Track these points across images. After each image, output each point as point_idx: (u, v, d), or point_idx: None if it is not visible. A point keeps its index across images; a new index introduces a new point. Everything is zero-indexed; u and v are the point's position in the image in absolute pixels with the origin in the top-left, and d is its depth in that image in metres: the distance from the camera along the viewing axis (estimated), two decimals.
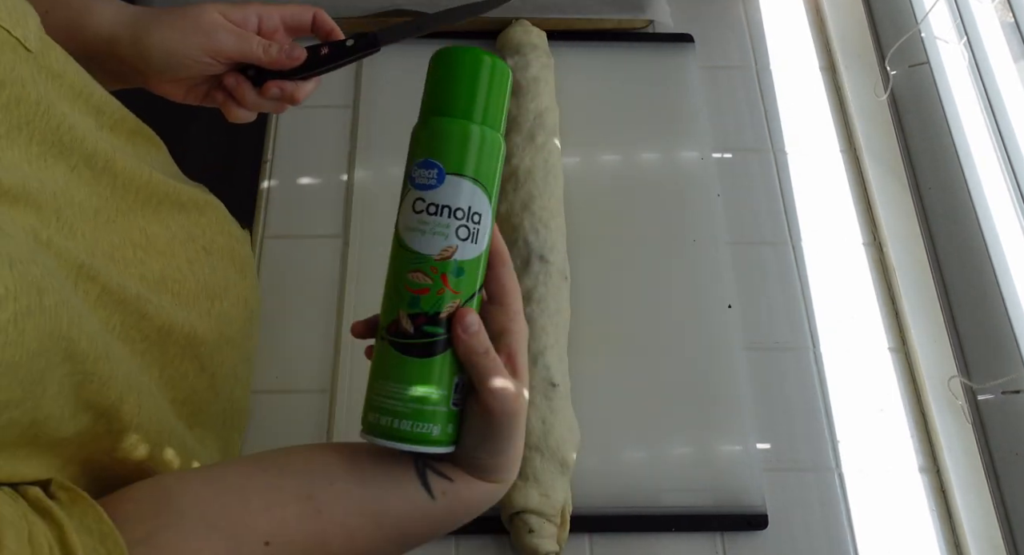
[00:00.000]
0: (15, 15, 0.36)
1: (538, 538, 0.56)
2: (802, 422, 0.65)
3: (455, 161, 0.38)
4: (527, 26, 0.78)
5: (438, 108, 0.39)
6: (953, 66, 0.73)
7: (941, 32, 0.75)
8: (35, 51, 0.37)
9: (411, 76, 0.79)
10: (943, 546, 0.61)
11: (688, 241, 0.71)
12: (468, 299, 0.38)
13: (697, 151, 0.76)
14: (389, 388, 0.38)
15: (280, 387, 0.65)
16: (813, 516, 0.61)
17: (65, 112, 0.40)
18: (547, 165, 0.69)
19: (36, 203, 0.36)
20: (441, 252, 0.37)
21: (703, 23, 0.84)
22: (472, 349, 0.37)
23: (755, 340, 0.68)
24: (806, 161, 0.77)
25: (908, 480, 0.63)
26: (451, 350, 0.38)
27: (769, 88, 0.81)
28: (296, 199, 0.73)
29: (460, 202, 0.37)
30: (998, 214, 0.66)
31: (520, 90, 0.73)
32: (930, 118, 0.72)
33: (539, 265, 0.64)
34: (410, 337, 0.37)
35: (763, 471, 0.62)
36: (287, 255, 0.71)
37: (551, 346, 0.61)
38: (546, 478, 0.57)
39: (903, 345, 0.68)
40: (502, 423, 0.38)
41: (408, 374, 0.38)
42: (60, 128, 0.39)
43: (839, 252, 0.72)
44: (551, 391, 0.60)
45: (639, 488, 0.61)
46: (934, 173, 0.71)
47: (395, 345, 0.38)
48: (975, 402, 0.62)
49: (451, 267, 0.38)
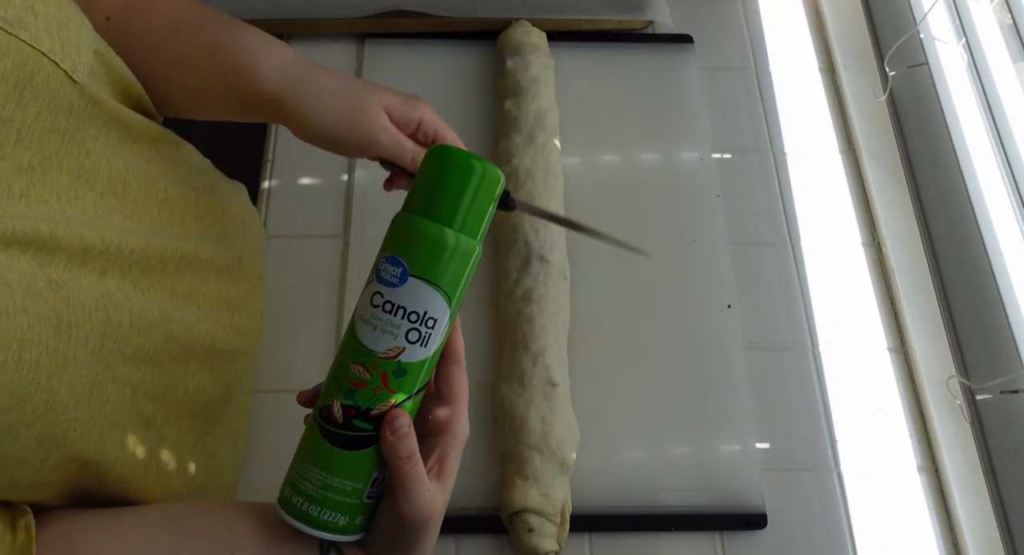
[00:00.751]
0: (68, 47, 0.36)
1: (538, 537, 0.56)
2: (801, 422, 0.65)
3: (421, 264, 0.37)
4: (527, 26, 0.78)
5: (420, 206, 0.38)
6: (952, 67, 0.73)
7: (940, 33, 0.75)
8: (82, 82, 0.37)
9: (411, 76, 0.79)
10: (942, 545, 0.61)
11: (688, 241, 0.71)
12: (405, 400, 0.38)
13: (697, 151, 0.76)
14: (307, 470, 0.38)
15: (280, 387, 0.65)
16: (812, 516, 0.62)
17: (91, 135, 0.40)
18: (547, 165, 0.69)
19: (56, 242, 0.36)
20: (387, 351, 0.37)
21: (703, 24, 0.84)
22: (396, 452, 0.37)
23: (754, 340, 0.68)
24: (805, 162, 0.77)
25: (907, 480, 0.63)
26: (376, 447, 0.38)
27: (769, 89, 0.81)
28: (296, 199, 0.73)
29: (417, 306, 0.37)
30: (997, 215, 0.66)
31: (520, 90, 0.73)
32: (929, 119, 0.73)
33: (539, 265, 0.64)
34: (339, 427, 0.37)
35: (762, 471, 0.63)
36: (287, 255, 0.71)
37: (551, 346, 0.62)
38: (546, 478, 0.57)
39: (902, 345, 0.68)
40: (412, 528, 0.38)
41: (327, 462, 0.38)
42: (82, 154, 0.39)
43: (838, 252, 0.73)
44: (551, 391, 0.60)
45: (639, 488, 0.61)
46: (933, 174, 0.71)
47: (323, 430, 0.38)
48: (974, 402, 0.62)
49: (392, 367, 0.37)
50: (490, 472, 0.61)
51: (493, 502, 0.60)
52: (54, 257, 0.36)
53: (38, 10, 0.35)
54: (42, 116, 0.35)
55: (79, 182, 0.39)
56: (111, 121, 0.42)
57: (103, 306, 0.39)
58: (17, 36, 0.33)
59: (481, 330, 0.67)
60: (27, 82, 0.34)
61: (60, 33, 0.36)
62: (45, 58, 0.35)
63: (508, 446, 0.59)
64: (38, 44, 0.34)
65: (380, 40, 0.81)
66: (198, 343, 0.48)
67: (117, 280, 0.41)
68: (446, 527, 0.59)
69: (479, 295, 0.68)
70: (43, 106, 0.35)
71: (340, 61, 0.80)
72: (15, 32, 0.33)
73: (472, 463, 0.62)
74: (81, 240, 0.37)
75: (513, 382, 0.60)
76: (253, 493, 0.61)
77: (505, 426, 0.60)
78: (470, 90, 0.78)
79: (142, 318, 0.42)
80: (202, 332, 0.49)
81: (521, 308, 0.63)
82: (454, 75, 0.79)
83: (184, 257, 0.47)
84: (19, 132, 0.34)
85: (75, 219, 0.38)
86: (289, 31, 0.81)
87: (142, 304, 0.42)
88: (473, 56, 0.80)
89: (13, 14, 0.33)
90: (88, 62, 0.38)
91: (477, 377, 0.65)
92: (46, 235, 0.35)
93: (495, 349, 0.65)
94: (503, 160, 0.70)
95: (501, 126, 0.73)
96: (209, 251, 0.51)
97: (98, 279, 0.39)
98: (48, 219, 0.36)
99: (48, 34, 0.35)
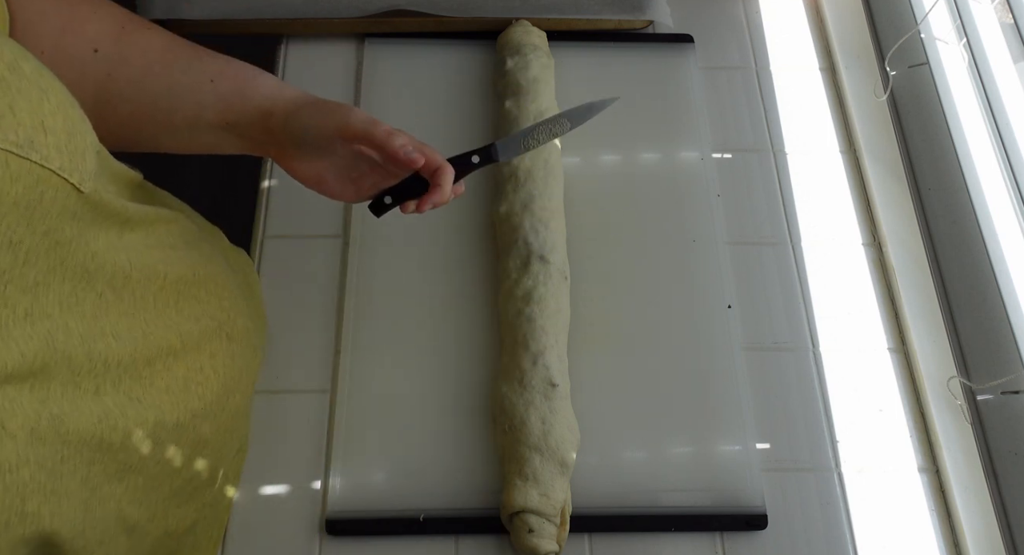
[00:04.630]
0: (75, 158, 0.35)
1: (538, 538, 0.56)
2: (801, 422, 0.65)
3: None
4: (527, 26, 0.78)
5: None
6: (953, 67, 0.73)
7: (941, 33, 0.75)
8: (88, 192, 0.37)
9: (411, 76, 0.79)
10: (942, 546, 0.61)
11: (688, 241, 0.71)
12: None
13: (697, 151, 0.76)
14: None
15: (280, 387, 0.65)
16: (813, 516, 0.61)
17: (92, 236, 0.39)
18: (547, 165, 0.69)
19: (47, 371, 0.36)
20: None
21: (703, 23, 0.84)
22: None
23: (755, 340, 0.68)
24: (806, 161, 0.77)
25: (907, 480, 0.63)
26: None
27: (769, 88, 0.81)
28: (296, 199, 0.73)
29: None
30: (997, 215, 0.66)
31: (520, 90, 0.73)
32: (930, 119, 0.72)
33: (539, 265, 0.64)
34: None
35: (762, 471, 0.62)
36: (287, 255, 0.71)
37: (551, 346, 0.62)
38: (546, 478, 0.57)
39: (902, 345, 0.68)
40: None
41: None
42: (86, 257, 0.39)
43: (839, 252, 0.73)
44: (551, 391, 0.60)
45: (639, 488, 0.61)
46: (934, 174, 0.71)
47: None
48: (974, 402, 0.62)
49: None
50: (490, 472, 0.61)
51: (493, 502, 0.60)
52: (50, 384, 0.36)
53: (48, 125, 0.34)
54: (50, 233, 0.35)
55: (80, 286, 0.39)
56: (111, 217, 0.41)
57: (100, 430, 0.39)
58: (29, 158, 0.32)
59: (481, 330, 0.67)
60: (37, 203, 0.33)
61: (68, 145, 0.35)
62: (55, 176, 0.34)
63: (508, 446, 0.59)
64: (48, 163, 0.33)
65: (380, 40, 0.81)
66: (189, 433, 0.48)
67: (112, 395, 0.40)
68: (446, 527, 0.60)
69: (479, 295, 0.68)
70: (51, 223, 0.35)
71: (340, 61, 0.80)
72: (27, 155, 0.32)
73: (472, 463, 0.62)
74: (70, 362, 0.37)
75: (513, 382, 0.60)
76: (252, 493, 0.61)
77: (505, 426, 0.60)
78: (470, 90, 0.78)
79: (137, 431, 0.42)
80: (201, 431, 0.49)
81: (521, 308, 0.63)
82: (454, 75, 0.79)
83: (172, 351, 0.47)
84: (27, 254, 0.34)
85: (74, 330, 0.38)
86: (289, 31, 0.81)
87: (140, 413, 0.42)
88: (473, 56, 0.80)
89: (24, 136, 0.32)
90: (93, 168, 0.37)
91: (477, 377, 0.65)
92: (39, 366, 0.35)
93: (495, 349, 0.65)
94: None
95: (501, 126, 0.73)
96: (202, 332, 0.51)
97: (93, 399, 0.39)
98: (50, 336, 0.36)
99: (58, 150, 0.34)
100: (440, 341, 0.66)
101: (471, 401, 0.64)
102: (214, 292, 0.53)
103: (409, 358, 0.66)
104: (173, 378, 0.47)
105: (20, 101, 0.32)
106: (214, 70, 0.52)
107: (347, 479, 0.61)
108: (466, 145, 0.54)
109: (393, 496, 0.61)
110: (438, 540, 0.60)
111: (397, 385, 0.65)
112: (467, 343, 0.66)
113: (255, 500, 0.61)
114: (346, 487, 0.61)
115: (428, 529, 0.59)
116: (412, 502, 0.60)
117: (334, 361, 0.66)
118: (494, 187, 0.71)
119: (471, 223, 0.71)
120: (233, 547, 0.59)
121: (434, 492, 0.61)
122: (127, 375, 0.42)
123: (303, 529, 0.60)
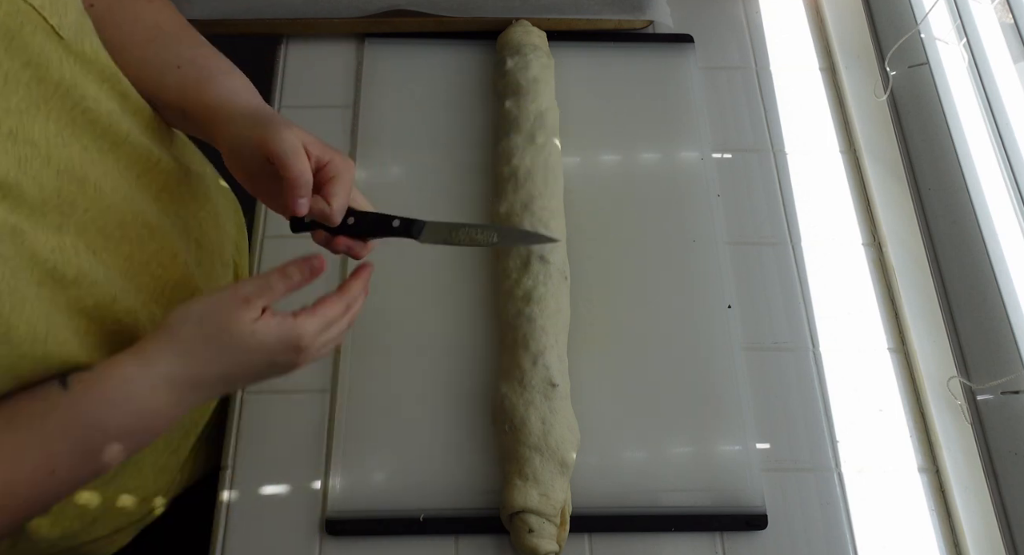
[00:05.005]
0: (56, 4, 0.39)
1: (538, 538, 0.56)
2: (801, 422, 0.65)
3: None
4: (527, 26, 0.78)
5: None
6: (953, 67, 0.73)
7: (941, 33, 0.75)
8: (67, 38, 0.40)
9: (411, 76, 0.79)
10: (942, 546, 0.61)
11: (688, 241, 0.71)
12: None
13: (697, 151, 0.76)
14: None
15: (280, 387, 0.65)
16: (813, 516, 0.61)
17: (90, 93, 0.43)
18: (547, 165, 0.69)
19: (20, 192, 0.38)
20: None
21: (703, 23, 0.84)
22: None
23: (755, 340, 0.68)
24: (806, 161, 0.77)
25: (907, 480, 0.63)
26: None
27: (769, 88, 0.81)
28: None
29: None
30: (997, 215, 0.66)
31: (520, 91, 0.73)
32: (930, 119, 0.72)
33: (539, 265, 0.64)
34: None
35: (762, 471, 0.62)
36: (287, 255, 0.70)
37: (551, 346, 0.62)
38: (546, 478, 0.57)
39: (902, 345, 0.68)
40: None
41: None
42: (80, 106, 0.42)
43: (839, 252, 0.73)
44: (551, 391, 0.60)
45: (638, 488, 0.61)
46: (934, 174, 0.71)
47: None
48: (974, 402, 0.62)
49: None
50: (490, 472, 0.61)
51: (493, 502, 0.60)
52: (20, 203, 0.38)
53: None
54: (30, 65, 0.38)
55: (67, 131, 0.42)
56: (105, 82, 0.45)
57: (55, 260, 0.41)
58: None
59: (481, 330, 0.67)
60: (16, 32, 0.37)
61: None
62: (35, 12, 0.38)
63: (508, 446, 0.59)
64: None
65: (380, 40, 0.81)
66: (144, 316, 0.50)
67: (72, 236, 0.43)
68: (446, 527, 0.60)
69: (479, 295, 0.68)
70: (31, 56, 0.38)
71: (340, 61, 0.80)
72: None
73: (472, 463, 0.62)
74: (41, 190, 0.40)
75: (513, 382, 0.60)
76: (252, 493, 0.61)
77: (505, 426, 0.60)
78: (470, 90, 0.78)
79: (88, 275, 0.44)
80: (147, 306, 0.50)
81: (521, 308, 0.63)
82: (454, 75, 0.79)
83: (149, 228, 0.50)
84: (6, 76, 0.37)
85: (53, 165, 0.41)
86: (289, 31, 0.81)
87: (90, 263, 0.44)
88: (473, 56, 0.80)
89: None
90: (75, 24, 0.41)
91: (477, 377, 0.65)
92: (12, 182, 0.38)
93: (495, 349, 0.65)
94: (503, 160, 0.70)
95: (501, 126, 0.73)
96: (180, 232, 0.53)
97: (54, 232, 0.41)
98: (26, 160, 0.38)
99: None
100: (440, 341, 0.66)
101: (471, 401, 0.64)
102: (196, 197, 0.56)
103: (409, 358, 0.66)
104: (138, 252, 0.49)
105: None
106: (186, 57, 0.53)
107: (347, 479, 0.61)
108: (466, 145, 0.54)
109: (393, 496, 0.61)
110: (438, 540, 0.60)
111: (397, 385, 0.65)
112: (467, 343, 0.66)
113: (255, 500, 0.61)
114: (346, 487, 0.61)
115: (428, 529, 0.59)
116: (412, 502, 0.60)
117: (334, 361, 0.66)
118: (494, 187, 0.71)
119: None
120: (233, 547, 0.59)
121: (434, 492, 0.61)
122: (94, 226, 0.45)
123: (303, 529, 0.60)
